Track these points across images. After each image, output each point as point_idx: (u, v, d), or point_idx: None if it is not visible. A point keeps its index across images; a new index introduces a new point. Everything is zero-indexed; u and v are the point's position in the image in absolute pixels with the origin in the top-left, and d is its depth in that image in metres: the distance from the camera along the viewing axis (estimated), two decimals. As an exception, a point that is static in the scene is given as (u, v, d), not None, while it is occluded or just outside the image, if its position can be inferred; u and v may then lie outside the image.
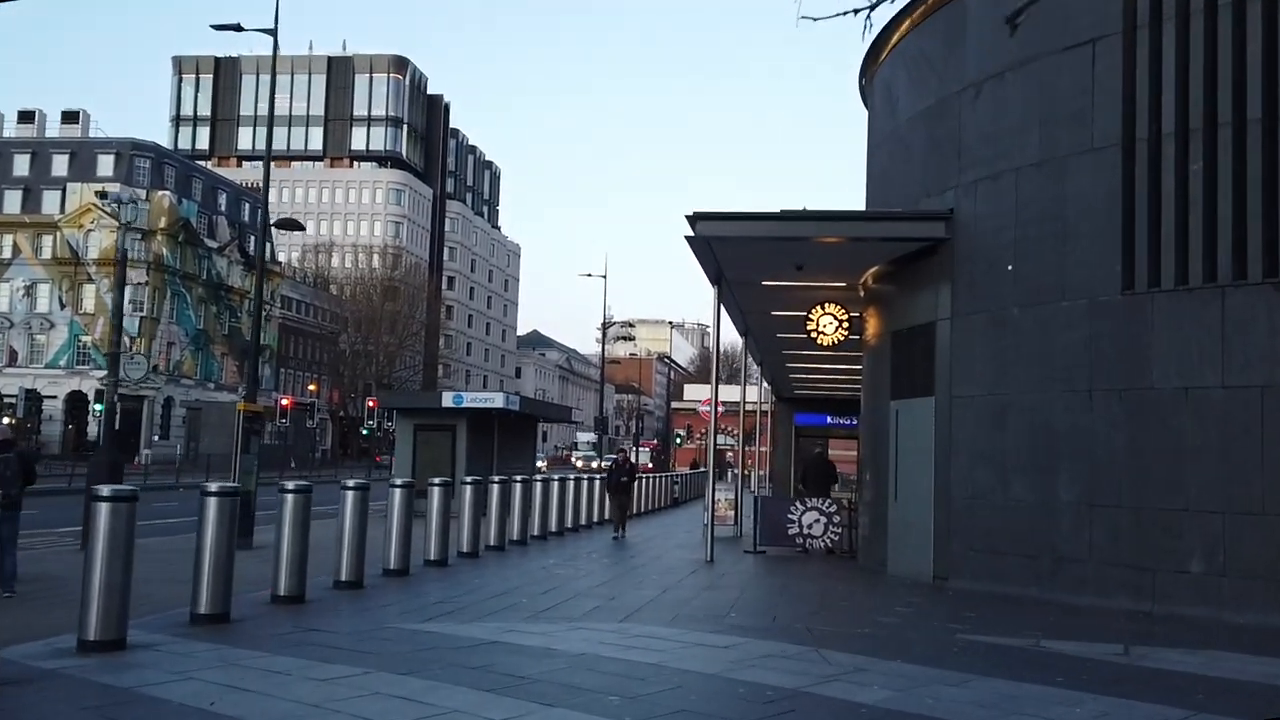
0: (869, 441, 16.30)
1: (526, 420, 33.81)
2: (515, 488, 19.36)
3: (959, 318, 13.38)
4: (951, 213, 13.57)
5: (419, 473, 28.60)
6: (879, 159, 16.43)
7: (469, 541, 16.45)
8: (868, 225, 14.06)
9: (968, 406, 13.12)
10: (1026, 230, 12.47)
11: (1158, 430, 11.06)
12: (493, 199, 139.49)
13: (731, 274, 16.50)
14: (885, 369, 15.26)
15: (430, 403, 30.30)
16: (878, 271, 15.72)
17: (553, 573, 14.48)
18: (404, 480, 14.62)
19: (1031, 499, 12.17)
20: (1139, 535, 11.11)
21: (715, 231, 13.99)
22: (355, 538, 11.82)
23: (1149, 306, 11.22)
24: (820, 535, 18.38)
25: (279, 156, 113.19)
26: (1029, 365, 12.32)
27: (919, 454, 14.01)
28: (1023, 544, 12.22)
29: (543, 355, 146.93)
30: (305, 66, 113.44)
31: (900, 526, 14.50)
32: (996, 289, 12.83)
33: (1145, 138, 11.36)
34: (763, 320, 21.12)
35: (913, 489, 14.20)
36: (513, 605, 10.79)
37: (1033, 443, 12.21)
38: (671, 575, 14.27)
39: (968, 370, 13.19)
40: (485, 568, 15.12)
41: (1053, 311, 12.10)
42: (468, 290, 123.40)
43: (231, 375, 77.43)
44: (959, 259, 13.42)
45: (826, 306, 17.38)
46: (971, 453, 13.01)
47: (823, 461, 21.32)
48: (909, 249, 14.27)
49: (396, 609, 10.36)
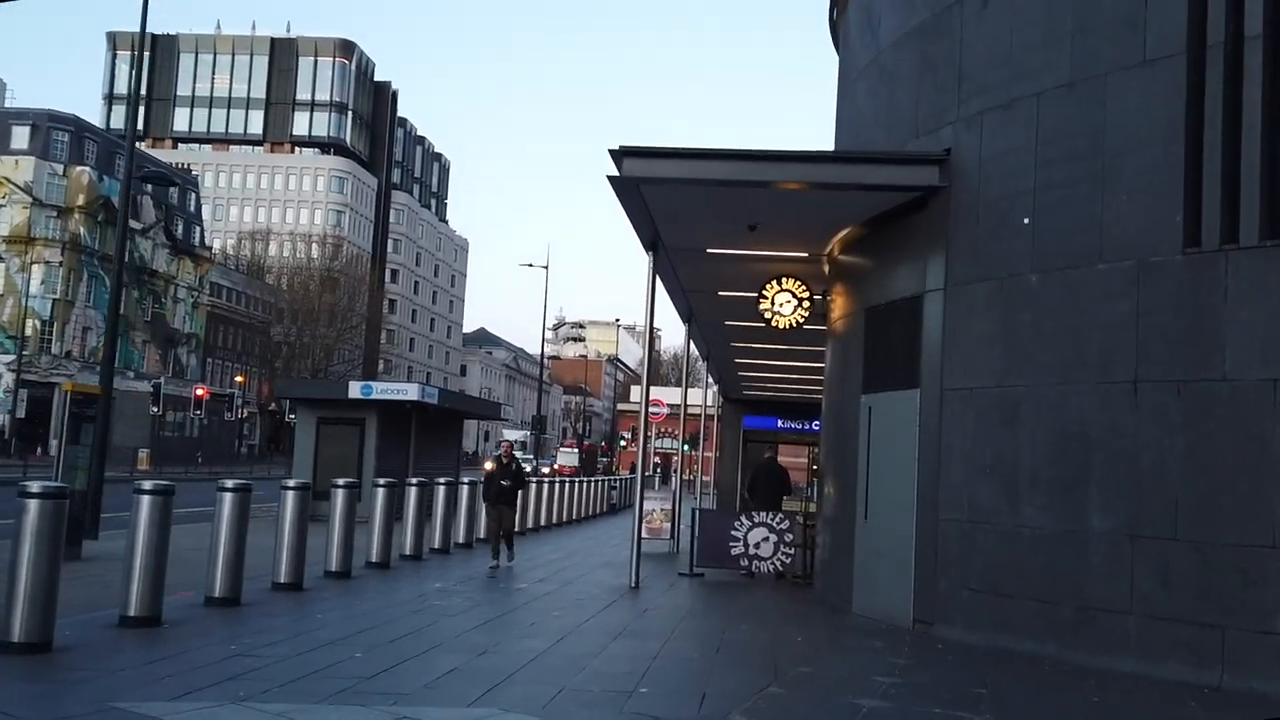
0: (832, 444, 13.28)
1: (448, 416, 30.53)
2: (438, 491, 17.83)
3: (955, 288, 10.39)
4: (948, 154, 10.58)
5: (321, 472, 25.50)
6: (853, 99, 13.42)
7: (379, 551, 14.48)
8: (840, 168, 11.03)
9: (965, 402, 10.13)
10: (1050, 172, 9.50)
11: (1232, 437, 8.12)
12: (441, 192, 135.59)
13: (670, 236, 13.41)
14: (856, 355, 12.25)
15: (335, 393, 26.99)
16: (849, 236, 12.71)
17: (430, 603, 11.32)
18: (298, 482, 12.50)
19: (1051, 525, 9.18)
20: (1202, 580, 8.15)
21: (646, 172, 10.91)
22: (232, 548, 10.43)
23: (1222, 269, 8.28)
24: (769, 557, 15.35)
25: (217, 140, 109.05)
26: (1051, 348, 9.34)
27: (897, 462, 11.01)
28: (1037, 585, 9.23)
29: (489, 354, 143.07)
30: (247, 47, 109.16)
31: (871, 553, 11.48)
32: (1007, 250, 9.85)
33: (1221, 42, 8.43)
34: (708, 304, 18.06)
35: (888, 506, 11.19)
36: (337, 663, 7.60)
37: (1054, 451, 9.23)
38: (580, 610, 11.14)
39: (966, 356, 10.20)
40: (364, 589, 12.21)
41: (1085, 278, 9.13)
42: (412, 284, 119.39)
43: (153, 364, 73.17)
44: (957, 213, 10.43)
45: (784, 282, 14.39)
46: (969, 462, 10.01)
47: (773, 468, 18.17)
48: (891, 202, 11.27)
49: (183, 659, 7.23)
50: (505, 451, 16.23)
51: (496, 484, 15.69)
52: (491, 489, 15.81)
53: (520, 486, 16.21)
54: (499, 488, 15.63)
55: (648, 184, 11.12)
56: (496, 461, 16.14)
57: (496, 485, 15.68)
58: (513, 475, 15.81)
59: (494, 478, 15.83)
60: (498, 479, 15.71)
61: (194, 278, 79.30)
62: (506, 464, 15.84)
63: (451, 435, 31.82)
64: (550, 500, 25.03)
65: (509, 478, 15.73)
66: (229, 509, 10.63)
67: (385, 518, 14.83)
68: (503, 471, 15.78)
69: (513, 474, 15.83)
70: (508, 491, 15.64)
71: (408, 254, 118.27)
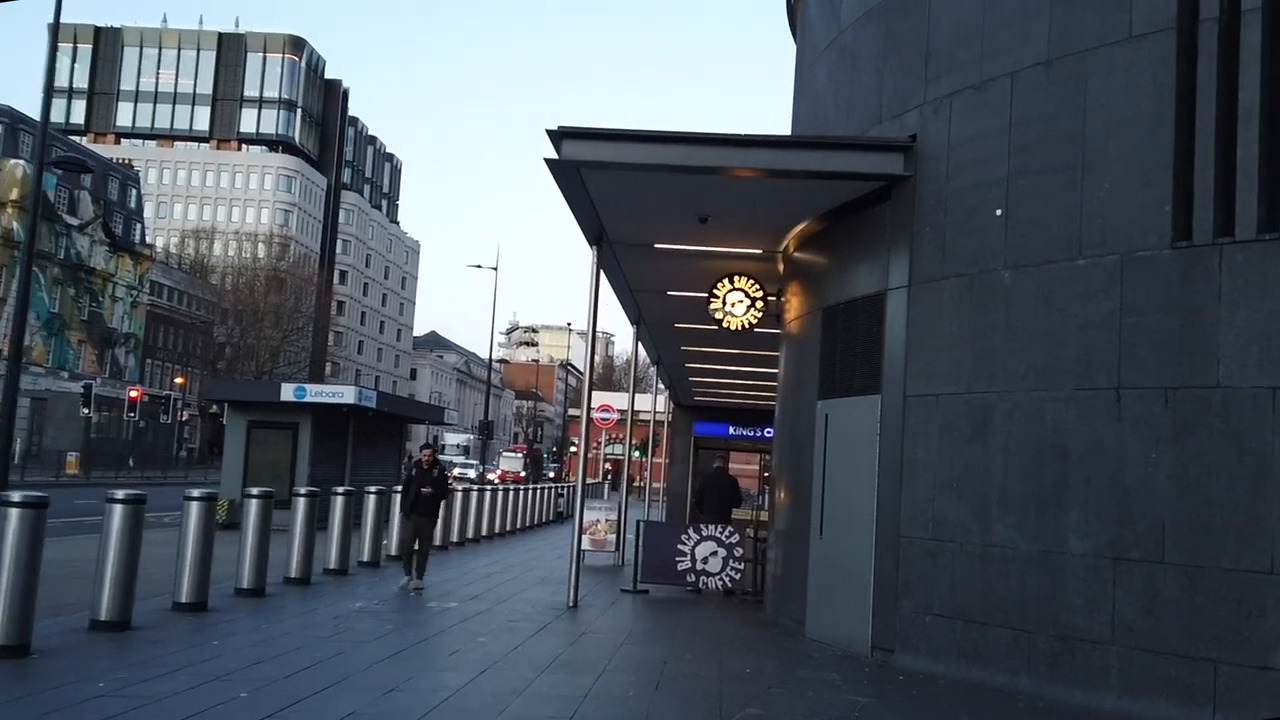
0: (786, 454, 12.41)
1: (389, 420, 29.36)
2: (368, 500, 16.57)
3: (921, 286, 9.55)
4: (913, 140, 9.75)
5: (251, 478, 24.34)
6: (812, 84, 12.57)
7: (299, 566, 13.48)
8: (796, 155, 10.13)
9: (931, 410, 9.28)
10: (1026, 158, 8.69)
11: (1226, 450, 7.32)
12: (392, 193, 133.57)
13: (615, 229, 12.49)
14: (812, 358, 11.38)
15: (267, 395, 25.68)
16: (806, 231, 11.85)
17: (345, 626, 10.28)
18: (203, 492, 11.43)
19: (1024, 546, 8.35)
20: (1193, 608, 7.35)
21: (587, 155, 9.97)
22: (122, 566, 9.43)
23: (1215, 264, 7.49)
24: (717, 572, 14.45)
25: (162, 135, 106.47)
26: (1025, 352, 8.52)
27: (856, 474, 10.15)
28: (1009, 612, 8.39)
29: (440, 357, 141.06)
30: (193, 42, 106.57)
31: (827, 573, 10.61)
32: (978, 244, 9.02)
33: (1215, 16, 7.66)
34: (657, 305, 17.16)
35: (846, 522, 10.32)
36: (214, 707, 6.57)
37: (1028, 464, 8.40)
38: (509, 635, 10.16)
39: (932, 359, 9.36)
40: (275, 610, 11.17)
41: (1063, 274, 8.32)
42: (361, 286, 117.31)
43: (90, 364, 70.87)
44: (923, 204, 9.60)
45: (737, 280, 13.53)
46: (935, 475, 9.17)
47: (722, 478, 17.21)
48: (852, 192, 10.42)
49: (34, 703, 6.19)
50: (427, 456, 14.25)
51: (416, 491, 13.88)
52: (409, 497, 14.00)
53: (443, 495, 14.40)
54: (418, 496, 13.84)
55: (590, 169, 10.18)
56: (417, 466, 14.26)
57: (415, 493, 13.88)
58: (435, 482, 13.96)
59: (413, 484, 14.04)
60: (417, 486, 13.92)
61: (134, 276, 77.00)
62: (428, 469, 14.03)
63: (393, 441, 30.63)
64: (492, 509, 23.94)
65: (431, 484, 13.91)
66: (119, 522, 9.65)
67: (306, 529, 13.80)
68: (424, 477, 13.97)
69: (435, 480, 13.97)
70: (429, 501, 13.90)
71: (357, 255, 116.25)
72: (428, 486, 13.88)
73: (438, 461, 14.40)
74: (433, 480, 13.97)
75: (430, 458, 14.25)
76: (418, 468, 14.21)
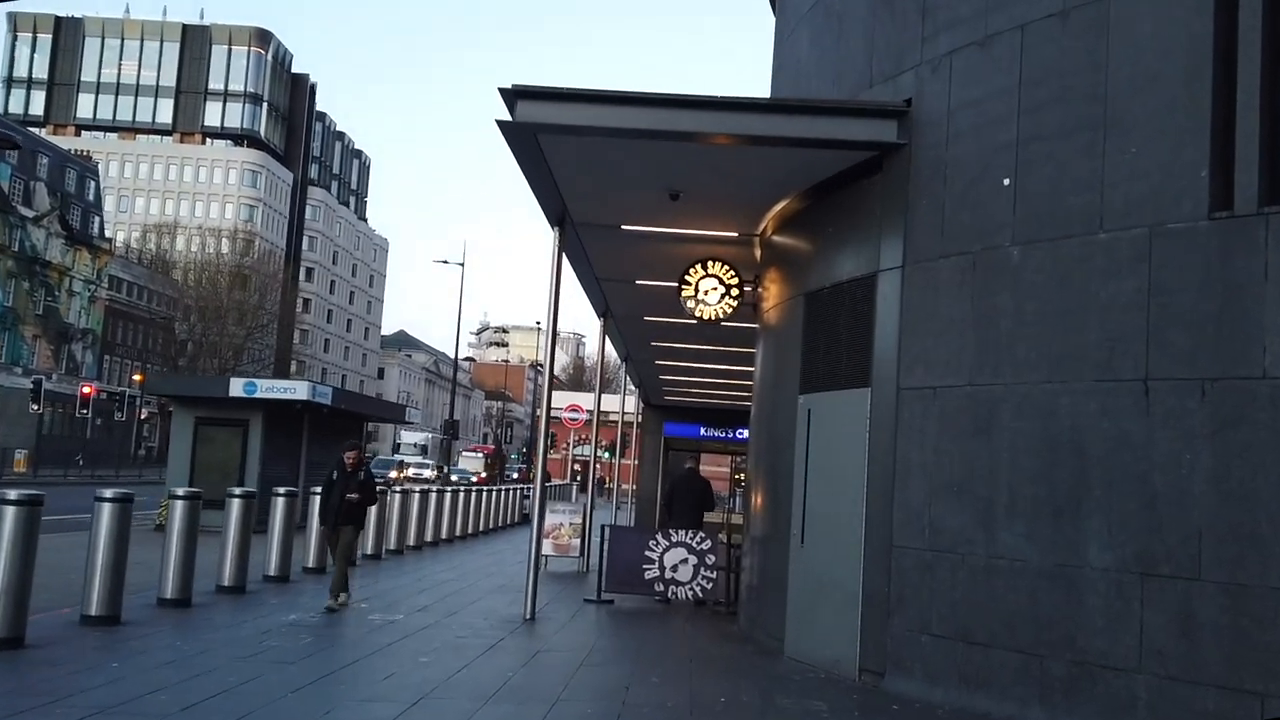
0: (763, 453, 11.39)
1: (347, 419, 28.14)
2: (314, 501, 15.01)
3: (916, 266, 8.55)
4: (909, 105, 8.75)
5: (199, 478, 23.12)
6: (794, 53, 11.55)
7: (233, 574, 12.37)
8: (780, 120, 9.09)
9: (927, 404, 8.28)
10: (1038, 121, 7.70)
11: (1274, 449, 6.35)
12: (361, 189, 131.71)
13: (578, 208, 11.44)
14: (793, 349, 10.36)
15: (214, 390, 24.42)
16: (787, 210, 10.84)
17: (270, 644, 9.17)
18: (116, 493, 10.24)
19: (1036, 558, 7.36)
20: (1236, 631, 6.38)
21: (546, 117, 8.90)
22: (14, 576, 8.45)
23: (1261, 236, 6.53)
24: (688, 581, 13.44)
25: (123, 128, 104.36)
26: (1037, 338, 7.53)
27: (842, 476, 9.14)
28: (1018, 633, 7.39)
29: (409, 356, 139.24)
30: (156, 33, 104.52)
31: (809, 585, 9.58)
32: (982, 218, 8.03)
33: (1261, -48, 6.70)
34: (625, 295, 16.12)
35: (830, 530, 9.31)
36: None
37: (1040, 465, 7.41)
38: (455, 655, 9.07)
39: (928, 348, 8.36)
40: (198, 623, 10.03)
41: (1082, 250, 7.34)
42: (328, 283, 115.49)
43: (45, 360, 68.95)
44: (920, 175, 8.60)
45: (710, 266, 12.48)
46: (932, 477, 8.16)
47: (693, 480, 16.08)
48: (839, 164, 9.41)
49: None
50: (351, 457, 12.00)
51: (338, 497, 11.72)
52: (331, 504, 11.77)
53: (370, 501, 12.19)
54: (341, 502, 11.72)
55: (548, 134, 9.12)
56: (338, 467, 11.97)
57: (338, 499, 11.71)
58: (361, 486, 11.87)
59: (334, 489, 11.83)
60: (340, 490, 11.76)
61: (92, 270, 75.10)
62: (352, 471, 11.90)
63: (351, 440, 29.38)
64: (452, 511, 22.79)
65: (356, 489, 11.81)
66: (10, 527, 8.53)
67: (241, 533, 12.66)
68: (346, 481, 11.82)
69: (361, 484, 11.88)
70: (352, 509, 11.82)
71: (324, 252, 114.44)
72: (353, 492, 11.77)
73: (364, 462, 12.35)
74: (358, 484, 11.86)
75: (355, 458, 12.04)
76: (339, 469, 11.93)
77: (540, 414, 12.99)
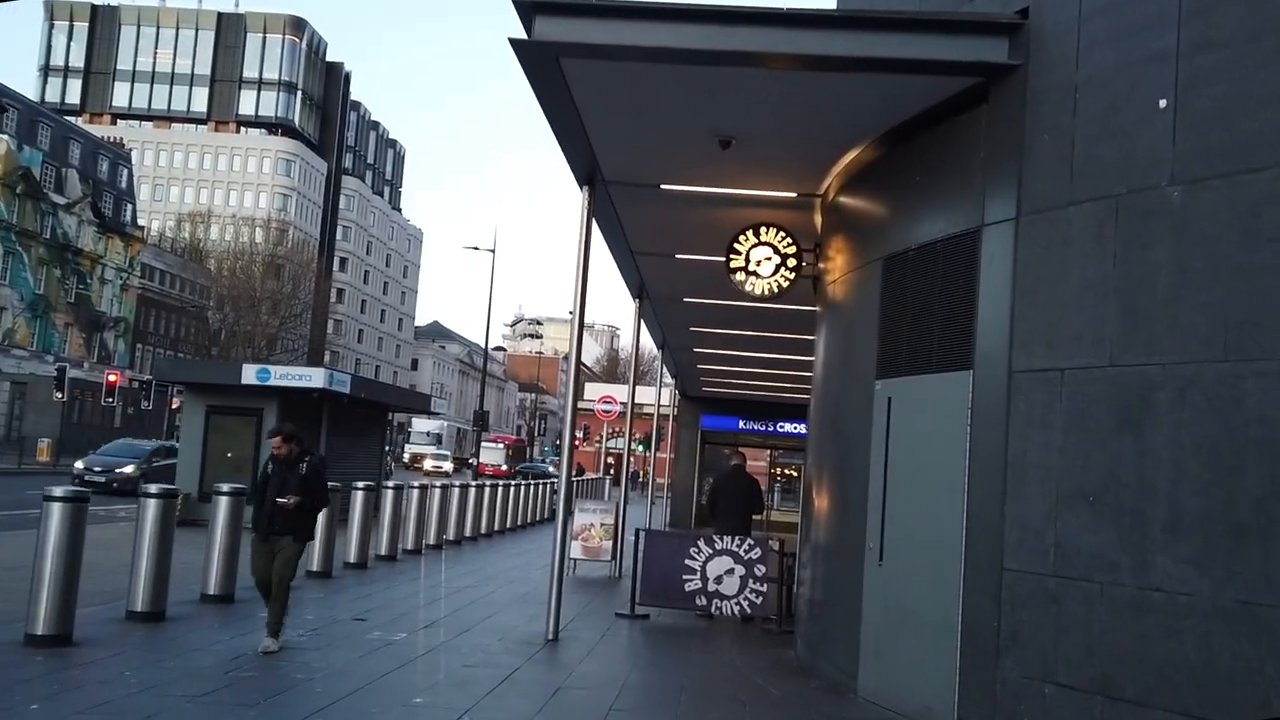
0: (827, 450, 9.66)
1: (369, 409, 26.70)
2: None
3: (1035, 217, 6.79)
4: (1024, 16, 7.00)
5: (210, 470, 21.83)
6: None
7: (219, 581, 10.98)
8: (858, 38, 7.33)
9: (1051, 390, 6.52)
10: (1208, 24, 5.92)
11: None
12: (395, 179, 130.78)
13: (610, 161, 9.77)
14: (867, 325, 8.62)
15: (226, 377, 23.02)
16: (856, 162, 9.11)
17: (239, 673, 7.60)
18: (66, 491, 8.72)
19: (1209, 592, 5.59)
20: None
21: (569, 35, 7.22)
22: None
23: None
24: (734, 595, 11.79)
25: (159, 117, 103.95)
26: (1211, 304, 5.75)
27: (934, 480, 7.41)
28: (1183, 688, 5.63)
29: (443, 348, 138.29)
30: (192, 21, 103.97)
31: (890, 611, 7.86)
32: (1128, 153, 6.26)
33: None
34: (664, 271, 14.43)
35: (919, 546, 7.58)
36: None
37: (1217, 469, 5.63)
38: (459, 691, 7.46)
39: (1053, 319, 6.60)
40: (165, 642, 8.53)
41: (1273, 186, 5.56)
42: (362, 273, 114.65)
43: (76, 348, 68.30)
44: (1039, 102, 6.84)
45: (763, 233, 10.78)
46: (1059, 484, 6.41)
47: (740, 477, 14.16)
48: (930, 97, 7.67)
49: None
50: (278, 444, 8.75)
51: (270, 501, 8.58)
52: (264, 510, 8.64)
53: (318, 504, 8.84)
54: (274, 509, 8.57)
55: (572, 58, 7.44)
56: (271, 462, 8.85)
57: (270, 504, 8.57)
58: (302, 484, 8.59)
59: (268, 489, 8.66)
60: (273, 492, 8.60)
61: (124, 258, 74.45)
62: (291, 464, 8.69)
63: (374, 431, 27.91)
64: (477, 508, 21.20)
65: (294, 490, 8.56)
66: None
67: (229, 535, 11.24)
68: (283, 479, 8.64)
69: (302, 481, 8.60)
70: (291, 515, 8.61)
71: (358, 242, 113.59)
72: (286, 494, 8.55)
73: (308, 453, 8.84)
74: (298, 482, 8.61)
75: (285, 448, 8.69)
76: (272, 463, 8.82)
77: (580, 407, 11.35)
